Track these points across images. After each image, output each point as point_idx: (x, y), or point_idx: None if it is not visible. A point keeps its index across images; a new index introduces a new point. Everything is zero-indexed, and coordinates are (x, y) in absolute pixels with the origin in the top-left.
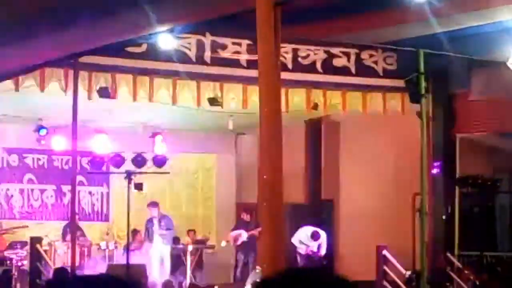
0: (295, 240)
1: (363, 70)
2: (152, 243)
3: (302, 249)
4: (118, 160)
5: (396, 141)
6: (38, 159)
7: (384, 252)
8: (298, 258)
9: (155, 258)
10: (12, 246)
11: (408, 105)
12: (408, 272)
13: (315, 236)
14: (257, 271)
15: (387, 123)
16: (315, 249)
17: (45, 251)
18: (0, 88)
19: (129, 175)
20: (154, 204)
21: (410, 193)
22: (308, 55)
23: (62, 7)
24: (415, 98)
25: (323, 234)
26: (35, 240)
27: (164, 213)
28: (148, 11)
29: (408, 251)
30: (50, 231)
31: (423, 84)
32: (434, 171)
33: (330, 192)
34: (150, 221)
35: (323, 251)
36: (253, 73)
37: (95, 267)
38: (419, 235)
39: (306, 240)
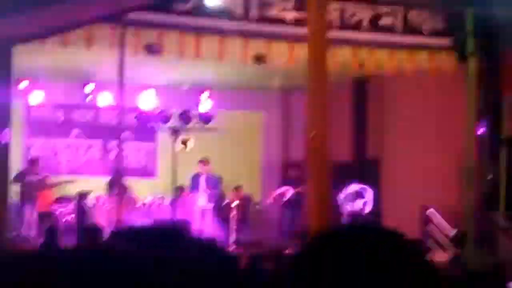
0: (340, 198)
1: (410, 29)
2: (197, 198)
3: (347, 208)
4: (164, 117)
5: (442, 100)
6: (85, 115)
7: (430, 211)
8: (345, 216)
9: (197, 213)
10: (59, 200)
11: (455, 64)
12: (454, 232)
13: (361, 194)
14: None
15: (434, 82)
16: (359, 207)
17: (93, 205)
18: (47, 44)
19: (175, 131)
20: (204, 161)
21: (456, 152)
22: (354, 14)
23: None
24: (463, 57)
25: (369, 192)
26: (82, 195)
27: (213, 173)
28: None
29: (453, 211)
30: (97, 186)
31: (471, 43)
32: (480, 131)
33: (376, 151)
34: (196, 176)
35: (368, 209)
36: (300, 30)
37: (141, 222)
38: (465, 195)
39: (351, 198)
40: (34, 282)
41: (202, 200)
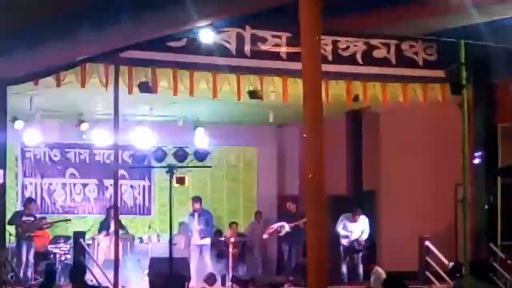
0: (338, 227)
1: (403, 61)
2: (191, 237)
3: (345, 239)
4: (159, 154)
5: (437, 131)
6: (80, 154)
7: (427, 243)
8: (341, 250)
9: (194, 252)
10: (55, 240)
11: (449, 95)
12: (451, 263)
13: (356, 216)
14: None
15: (428, 113)
16: (358, 234)
17: (88, 245)
18: (42, 84)
19: (171, 169)
20: (196, 199)
21: (452, 183)
22: (348, 47)
23: (103, 3)
24: (456, 89)
25: (364, 218)
26: (78, 234)
27: (205, 209)
28: (189, 6)
29: (450, 242)
30: (93, 225)
31: (464, 74)
32: (476, 161)
33: (372, 183)
34: (191, 215)
35: (365, 235)
36: (293, 65)
37: (137, 260)
38: (461, 226)
39: (348, 223)
40: None
41: (196, 237)
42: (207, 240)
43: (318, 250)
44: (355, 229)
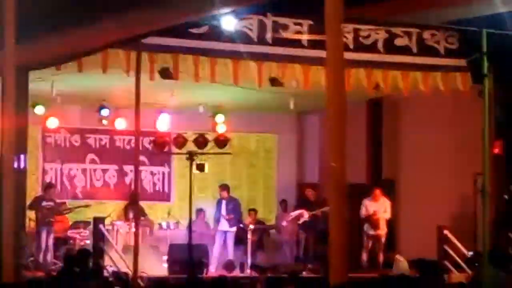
0: (362, 211)
1: (424, 49)
2: (219, 224)
3: (368, 225)
4: (180, 141)
5: (457, 121)
6: (100, 139)
7: (446, 232)
8: (365, 239)
9: (219, 239)
10: (75, 226)
11: (470, 84)
12: (470, 253)
13: (376, 194)
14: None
15: (449, 102)
16: (380, 214)
17: (108, 230)
18: (64, 69)
19: (191, 156)
20: (224, 186)
21: (472, 173)
22: (369, 35)
23: None
24: (478, 78)
25: (385, 199)
26: (98, 220)
27: (233, 196)
28: None
29: (469, 231)
30: (113, 211)
31: (486, 64)
32: (496, 150)
33: (391, 172)
34: (219, 202)
35: (387, 215)
36: (315, 53)
37: (157, 247)
38: (480, 215)
39: (368, 202)
40: None
41: (224, 224)
42: (232, 230)
43: (339, 237)
44: (377, 208)
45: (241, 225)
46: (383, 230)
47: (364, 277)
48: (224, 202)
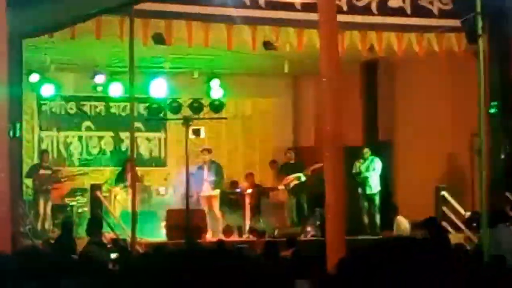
0: (353, 172)
1: (418, 10)
2: (202, 189)
3: (361, 185)
4: (175, 106)
5: (452, 82)
6: (96, 106)
7: (443, 192)
8: (360, 200)
9: (203, 204)
10: (72, 193)
11: (464, 45)
12: (468, 213)
13: (364, 154)
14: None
15: (443, 64)
16: (369, 174)
17: (105, 197)
18: (57, 36)
19: (186, 121)
20: (208, 150)
21: (468, 133)
22: None
23: None
24: (472, 38)
25: (374, 158)
26: (95, 187)
27: (214, 160)
28: None
29: (466, 192)
30: (109, 177)
31: (480, 24)
32: (492, 111)
33: (388, 133)
34: (200, 167)
35: (377, 174)
36: (308, 16)
37: (155, 212)
38: (477, 176)
39: (358, 163)
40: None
41: (206, 188)
42: (217, 191)
43: (335, 200)
44: (365, 167)
45: (237, 190)
46: (375, 189)
47: (365, 239)
48: (206, 166)
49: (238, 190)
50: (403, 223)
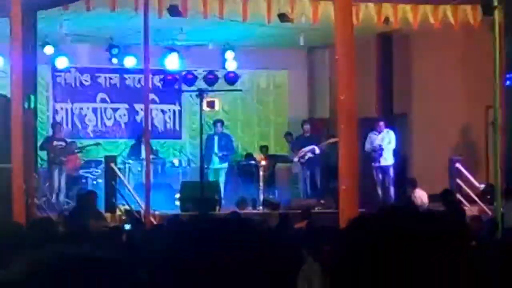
0: (366, 146)
1: None
2: (210, 162)
3: (375, 158)
4: (190, 78)
5: (467, 54)
6: (110, 78)
7: (457, 165)
8: (374, 172)
9: (212, 176)
10: (87, 165)
11: (480, 17)
12: (482, 185)
13: (379, 126)
14: None
15: (458, 36)
16: (384, 146)
17: (119, 169)
18: (72, 8)
19: (201, 93)
20: (218, 121)
21: (483, 106)
22: None
23: None
24: (487, 10)
25: (389, 130)
26: (110, 159)
27: (225, 132)
28: None
29: (481, 165)
30: (124, 149)
31: None
32: (507, 83)
33: (402, 106)
34: (210, 138)
35: (392, 146)
36: None
37: (169, 184)
38: (492, 148)
39: (372, 135)
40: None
41: (215, 161)
42: (225, 165)
43: (349, 172)
44: (381, 139)
45: (252, 162)
46: (389, 161)
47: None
48: (216, 138)
49: (252, 162)
50: (421, 196)
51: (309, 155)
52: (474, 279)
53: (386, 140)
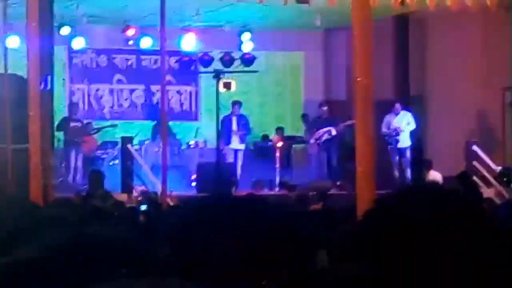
0: (384, 128)
1: None
2: (229, 142)
3: (392, 140)
4: (206, 60)
5: (485, 36)
6: (127, 59)
7: (474, 147)
8: (391, 154)
9: (229, 155)
10: (103, 146)
11: None
12: (499, 168)
13: (396, 108)
14: None
15: (476, 18)
16: (403, 127)
17: (136, 150)
18: None
19: (217, 74)
20: (236, 102)
21: (500, 88)
22: None
23: None
24: None
25: (407, 112)
26: (126, 140)
27: (242, 114)
28: None
29: (497, 147)
30: (140, 130)
31: None
32: None
33: (419, 88)
34: (227, 120)
35: (411, 127)
36: None
37: (186, 165)
38: (508, 130)
39: (390, 117)
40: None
41: (234, 141)
42: (243, 145)
43: (366, 154)
44: (399, 121)
45: (268, 143)
46: (406, 143)
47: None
48: (235, 118)
49: (269, 143)
50: (436, 177)
51: (326, 136)
52: (489, 258)
53: (404, 122)
